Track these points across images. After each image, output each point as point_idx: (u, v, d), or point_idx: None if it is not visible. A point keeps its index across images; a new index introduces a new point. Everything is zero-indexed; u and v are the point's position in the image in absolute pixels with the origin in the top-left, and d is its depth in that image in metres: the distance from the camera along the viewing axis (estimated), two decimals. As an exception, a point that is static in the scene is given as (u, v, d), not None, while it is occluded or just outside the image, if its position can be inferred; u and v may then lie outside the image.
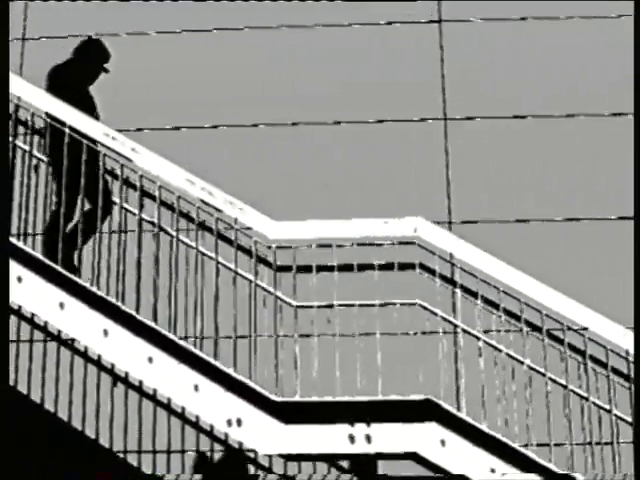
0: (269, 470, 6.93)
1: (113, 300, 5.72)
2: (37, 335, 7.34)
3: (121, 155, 5.96)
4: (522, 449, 5.54)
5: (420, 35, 7.95)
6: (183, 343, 5.63)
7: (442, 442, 5.52)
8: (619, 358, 7.10)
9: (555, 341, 7.17)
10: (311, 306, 7.26)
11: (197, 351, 5.62)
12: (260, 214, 5.92)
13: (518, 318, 7.16)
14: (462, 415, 5.54)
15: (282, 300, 7.23)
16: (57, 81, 7.00)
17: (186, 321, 7.13)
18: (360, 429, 5.54)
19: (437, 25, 7.96)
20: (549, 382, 7.07)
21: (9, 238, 5.68)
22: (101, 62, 7.15)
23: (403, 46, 7.94)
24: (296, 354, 7.17)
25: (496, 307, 7.19)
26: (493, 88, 7.80)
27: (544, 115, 7.71)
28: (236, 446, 7.00)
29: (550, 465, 5.51)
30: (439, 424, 5.54)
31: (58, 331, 7.29)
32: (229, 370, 5.60)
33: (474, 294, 7.22)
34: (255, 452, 6.96)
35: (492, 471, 5.49)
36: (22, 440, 7.01)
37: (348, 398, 5.58)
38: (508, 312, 7.19)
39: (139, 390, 7.15)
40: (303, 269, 7.35)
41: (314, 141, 7.73)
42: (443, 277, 7.35)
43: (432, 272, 7.33)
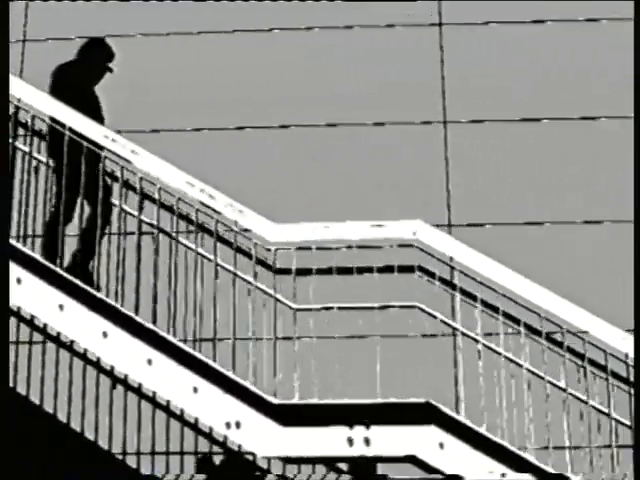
0: (268, 472, 6.93)
1: (112, 302, 5.72)
2: (36, 337, 7.33)
3: (121, 157, 5.96)
4: (521, 452, 5.54)
5: (420, 36, 7.95)
6: (182, 345, 5.63)
7: (441, 445, 5.52)
8: (618, 362, 7.10)
9: (554, 344, 7.17)
10: (310, 309, 7.26)
11: (196, 353, 5.62)
12: (260, 216, 5.92)
13: (517, 321, 7.16)
14: (461, 418, 5.54)
15: (282, 302, 7.23)
16: (61, 81, 6.98)
17: (185, 323, 7.12)
18: (359, 432, 5.54)
19: (437, 28, 7.97)
20: (548, 385, 7.07)
21: (9, 240, 5.68)
22: (105, 62, 7.14)
23: (403, 47, 7.94)
24: (295, 356, 7.16)
25: (495, 310, 7.19)
26: (493, 90, 7.80)
27: (544, 117, 7.71)
28: (235, 448, 7.00)
29: (548, 468, 5.51)
30: (438, 427, 5.54)
31: (57, 333, 7.29)
32: (228, 372, 5.60)
33: (473, 297, 7.22)
34: (254, 454, 6.95)
35: (490, 474, 5.49)
36: (22, 440, 7.01)
37: (347, 401, 5.58)
38: (507, 315, 7.19)
39: (138, 392, 7.15)
40: (303, 272, 7.35)
41: (309, 143, 7.73)
42: (442, 280, 7.35)
43: (431, 275, 7.32)
